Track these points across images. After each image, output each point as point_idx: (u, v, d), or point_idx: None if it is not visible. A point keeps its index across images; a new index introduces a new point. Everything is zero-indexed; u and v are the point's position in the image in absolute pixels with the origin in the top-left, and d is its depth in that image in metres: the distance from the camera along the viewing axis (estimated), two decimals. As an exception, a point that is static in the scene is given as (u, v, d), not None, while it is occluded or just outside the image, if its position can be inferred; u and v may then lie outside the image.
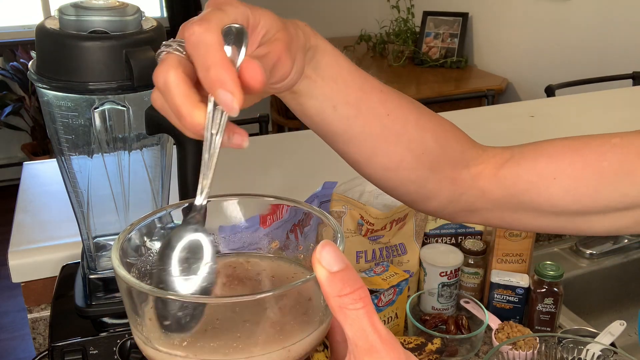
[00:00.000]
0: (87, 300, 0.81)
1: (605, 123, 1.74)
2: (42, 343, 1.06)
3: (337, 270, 0.32)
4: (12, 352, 2.62)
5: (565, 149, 0.58)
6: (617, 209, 0.57)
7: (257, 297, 0.33)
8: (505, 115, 1.82)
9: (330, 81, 0.51)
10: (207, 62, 0.37)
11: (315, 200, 0.98)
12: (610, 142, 0.56)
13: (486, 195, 0.60)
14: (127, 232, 0.40)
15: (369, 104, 0.54)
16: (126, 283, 0.35)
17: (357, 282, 0.32)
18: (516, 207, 0.60)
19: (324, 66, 0.51)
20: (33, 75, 0.70)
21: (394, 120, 0.55)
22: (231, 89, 0.36)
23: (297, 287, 0.35)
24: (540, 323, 1.06)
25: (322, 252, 0.32)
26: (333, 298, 0.32)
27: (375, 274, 1.01)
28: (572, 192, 0.57)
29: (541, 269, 1.05)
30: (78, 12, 0.68)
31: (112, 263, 0.37)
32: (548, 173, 0.57)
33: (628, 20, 2.74)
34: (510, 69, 3.42)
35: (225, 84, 0.36)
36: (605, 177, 0.56)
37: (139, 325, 0.36)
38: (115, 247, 0.38)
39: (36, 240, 1.07)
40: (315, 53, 0.50)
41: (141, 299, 0.36)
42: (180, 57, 0.39)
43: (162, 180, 0.81)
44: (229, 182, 1.26)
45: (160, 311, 0.34)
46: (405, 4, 3.74)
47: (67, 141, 0.73)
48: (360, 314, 0.32)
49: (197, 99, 0.38)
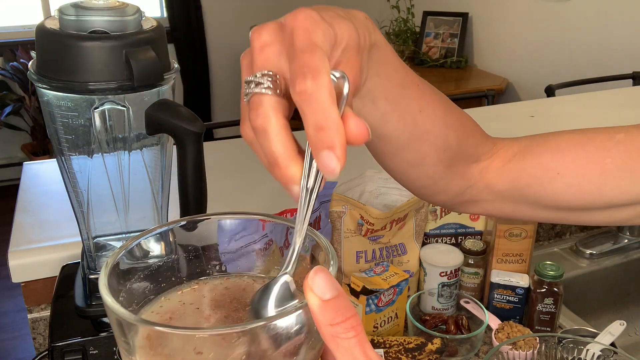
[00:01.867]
0: (87, 300, 0.81)
1: (605, 123, 1.73)
2: (42, 343, 1.06)
3: (330, 299, 0.32)
4: (12, 352, 2.62)
5: (570, 143, 0.58)
6: (619, 204, 0.57)
7: (248, 328, 0.33)
8: (505, 115, 1.82)
9: (374, 76, 0.48)
10: (320, 123, 0.34)
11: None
12: (615, 138, 0.56)
13: (490, 187, 0.60)
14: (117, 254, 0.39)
15: (407, 100, 0.52)
16: (115, 314, 0.34)
17: (349, 310, 0.32)
18: (518, 199, 0.60)
19: (373, 62, 0.47)
20: (33, 75, 0.70)
21: (425, 117, 0.54)
22: (338, 154, 0.34)
23: (290, 315, 0.34)
24: (540, 323, 1.06)
25: (315, 278, 0.32)
26: (325, 327, 0.32)
27: (375, 274, 1.01)
28: (575, 189, 0.56)
29: (541, 269, 1.04)
30: (78, 12, 0.68)
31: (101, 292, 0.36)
32: (552, 168, 0.57)
33: (628, 20, 2.74)
34: (510, 69, 3.42)
35: (335, 148, 0.34)
36: (609, 175, 0.55)
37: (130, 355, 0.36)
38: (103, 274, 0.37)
39: (36, 240, 1.07)
40: (371, 49, 0.47)
41: (130, 328, 0.35)
42: (277, 98, 0.37)
43: (162, 180, 0.81)
44: (230, 182, 1.26)
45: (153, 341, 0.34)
46: (405, 4, 3.74)
47: (67, 141, 0.73)
48: (352, 343, 0.31)
49: (296, 149, 0.36)
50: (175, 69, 0.73)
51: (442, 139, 0.55)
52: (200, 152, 0.71)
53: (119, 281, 0.39)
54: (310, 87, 0.35)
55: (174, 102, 0.74)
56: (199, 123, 0.70)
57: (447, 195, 0.61)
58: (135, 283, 0.41)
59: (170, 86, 0.74)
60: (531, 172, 0.58)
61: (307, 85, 0.35)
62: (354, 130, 0.35)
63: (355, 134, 0.35)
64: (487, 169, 0.59)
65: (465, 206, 0.62)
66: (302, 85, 0.35)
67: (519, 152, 0.59)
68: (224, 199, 1.14)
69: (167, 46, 0.74)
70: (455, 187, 0.60)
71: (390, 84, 0.50)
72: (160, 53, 0.70)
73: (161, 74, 0.69)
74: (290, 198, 0.39)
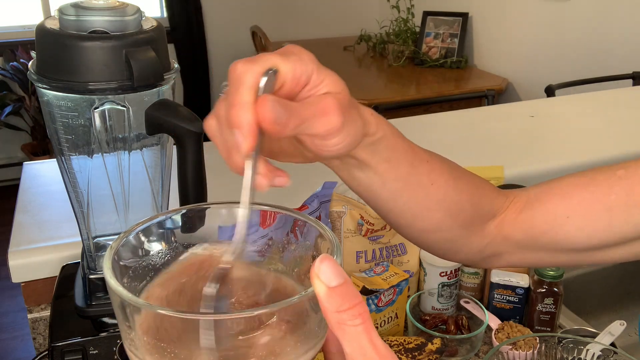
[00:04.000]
0: (87, 300, 0.81)
1: (605, 123, 1.75)
2: (42, 343, 1.06)
3: (336, 285, 0.32)
4: (12, 352, 2.62)
5: (572, 187, 0.60)
6: (633, 238, 0.58)
7: (254, 314, 0.33)
8: (505, 115, 1.82)
9: (384, 162, 0.52)
10: (233, 100, 0.39)
11: (315, 200, 0.98)
12: (615, 175, 0.58)
13: (508, 240, 0.62)
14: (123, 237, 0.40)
15: (417, 177, 0.55)
16: (119, 296, 0.34)
17: (356, 297, 0.32)
18: (536, 247, 0.61)
19: (382, 150, 0.51)
20: (33, 75, 0.70)
21: (437, 189, 0.56)
22: (245, 132, 0.38)
23: (294, 303, 0.34)
24: (540, 323, 1.06)
25: (321, 266, 0.32)
26: (331, 314, 0.32)
27: (375, 274, 1.01)
28: (586, 229, 0.58)
29: (541, 269, 1.04)
30: (78, 12, 0.68)
31: (105, 274, 0.36)
32: (560, 213, 0.59)
33: (628, 20, 2.74)
34: (510, 69, 3.42)
35: (241, 125, 0.38)
36: (616, 211, 0.57)
37: (130, 338, 0.36)
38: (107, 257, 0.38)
39: (36, 240, 1.07)
40: (375, 141, 0.50)
41: (133, 311, 0.35)
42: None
43: (162, 180, 0.81)
44: (230, 181, 1.26)
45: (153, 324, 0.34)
46: (405, 4, 3.74)
47: (67, 141, 0.73)
48: (359, 330, 0.31)
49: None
50: (175, 69, 0.73)
51: (455, 204, 0.58)
52: (200, 152, 0.71)
53: (123, 265, 0.40)
54: (238, 69, 0.40)
55: (174, 102, 0.74)
56: (199, 123, 0.70)
57: (468, 253, 0.63)
58: (138, 268, 0.41)
59: (170, 86, 0.74)
60: (542, 220, 0.60)
61: (237, 67, 0.40)
62: (258, 108, 0.38)
63: (260, 111, 0.38)
64: (502, 223, 0.61)
65: (488, 261, 0.65)
66: (234, 66, 0.40)
67: (528, 202, 0.61)
68: (224, 199, 1.14)
69: (167, 46, 0.74)
70: (475, 245, 0.62)
71: (400, 166, 0.53)
72: (160, 53, 0.70)
73: (161, 74, 0.69)
74: (290, 198, 0.39)
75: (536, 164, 1.42)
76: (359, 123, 0.46)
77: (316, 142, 0.45)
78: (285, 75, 0.41)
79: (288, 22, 4.34)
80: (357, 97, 0.48)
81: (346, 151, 0.47)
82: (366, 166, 0.51)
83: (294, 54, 0.42)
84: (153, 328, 0.34)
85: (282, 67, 0.41)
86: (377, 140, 0.50)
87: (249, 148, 0.38)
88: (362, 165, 0.51)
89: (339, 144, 0.45)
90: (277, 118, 0.38)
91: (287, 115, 0.39)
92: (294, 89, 0.42)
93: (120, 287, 0.35)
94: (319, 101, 0.42)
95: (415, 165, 0.54)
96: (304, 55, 0.42)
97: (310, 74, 0.42)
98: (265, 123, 0.38)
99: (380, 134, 0.50)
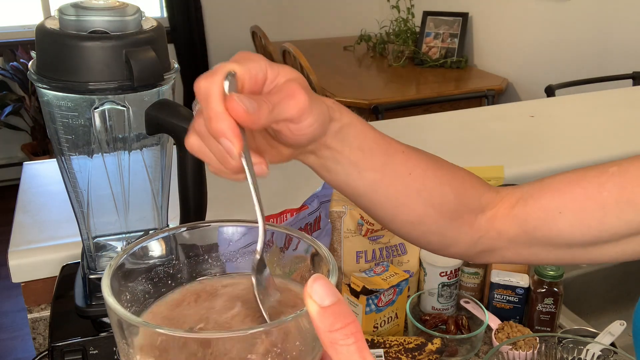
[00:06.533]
0: (87, 300, 0.82)
1: (605, 123, 1.75)
2: (42, 343, 1.06)
3: (329, 305, 0.31)
4: (12, 352, 2.62)
5: (565, 183, 0.60)
6: (625, 235, 0.59)
7: (248, 333, 0.33)
8: (505, 115, 1.82)
9: (357, 150, 0.54)
10: (208, 114, 0.42)
11: (315, 200, 0.98)
12: (608, 172, 0.58)
13: (502, 235, 0.62)
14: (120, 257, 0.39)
15: (393, 166, 0.57)
16: (117, 315, 0.34)
17: (349, 316, 0.32)
18: (530, 242, 0.62)
19: (352, 138, 0.54)
20: (33, 75, 0.70)
21: (415, 178, 0.58)
22: (230, 137, 0.41)
23: (288, 322, 0.34)
24: (540, 323, 1.06)
25: (314, 285, 0.32)
26: (324, 333, 0.31)
27: (375, 274, 1.01)
28: (578, 225, 0.59)
29: (541, 269, 1.04)
30: (78, 12, 0.68)
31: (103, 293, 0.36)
32: (553, 208, 0.59)
33: (628, 20, 2.74)
34: (510, 69, 3.42)
35: (225, 133, 0.41)
36: (608, 207, 0.57)
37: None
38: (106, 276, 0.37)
39: (36, 240, 1.07)
40: (343, 127, 0.53)
41: (131, 330, 0.35)
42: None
43: (162, 180, 0.81)
44: (230, 182, 1.26)
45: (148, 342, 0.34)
46: (405, 4, 3.74)
47: (67, 141, 0.73)
48: (352, 350, 0.31)
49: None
50: (175, 69, 0.73)
51: (438, 195, 0.59)
52: (200, 152, 0.71)
53: (121, 283, 0.39)
54: (202, 86, 0.43)
55: (174, 102, 0.74)
56: (199, 123, 0.69)
57: (460, 247, 0.64)
58: (137, 285, 0.41)
59: (170, 86, 0.74)
60: (535, 215, 0.60)
61: (200, 84, 0.43)
62: (231, 111, 0.42)
63: (231, 107, 0.42)
64: (494, 218, 0.62)
65: (482, 256, 0.65)
66: (197, 84, 0.43)
67: (521, 198, 0.62)
68: (224, 199, 1.14)
69: (167, 46, 0.74)
70: (466, 238, 0.62)
71: (374, 156, 0.55)
72: (160, 53, 0.70)
73: (161, 74, 0.69)
74: (290, 198, 0.39)
75: (536, 164, 1.42)
76: (323, 106, 0.50)
77: (291, 128, 0.48)
78: (243, 75, 0.45)
79: (288, 22, 4.34)
80: (357, 97, 0.49)
81: (320, 131, 0.50)
82: (340, 155, 0.54)
83: (245, 57, 0.46)
84: (151, 346, 0.34)
85: (238, 69, 0.45)
86: (345, 126, 0.53)
87: (240, 149, 0.41)
88: (337, 156, 0.54)
89: (313, 125, 0.48)
90: (247, 108, 0.42)
91: (257, 104, 0.43)
92: (254, 87, 0.46)
93: (118, 306, 0.34)
94: (283, 87, 0.46)
95: (390, 154, 0.56)
96: (254, 56, 0.47)
97: (265, 70, 0.46)
98: (240, 117, 0.42)
99: (347, 120, 0.53)
